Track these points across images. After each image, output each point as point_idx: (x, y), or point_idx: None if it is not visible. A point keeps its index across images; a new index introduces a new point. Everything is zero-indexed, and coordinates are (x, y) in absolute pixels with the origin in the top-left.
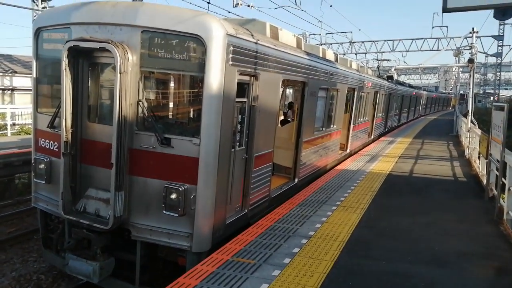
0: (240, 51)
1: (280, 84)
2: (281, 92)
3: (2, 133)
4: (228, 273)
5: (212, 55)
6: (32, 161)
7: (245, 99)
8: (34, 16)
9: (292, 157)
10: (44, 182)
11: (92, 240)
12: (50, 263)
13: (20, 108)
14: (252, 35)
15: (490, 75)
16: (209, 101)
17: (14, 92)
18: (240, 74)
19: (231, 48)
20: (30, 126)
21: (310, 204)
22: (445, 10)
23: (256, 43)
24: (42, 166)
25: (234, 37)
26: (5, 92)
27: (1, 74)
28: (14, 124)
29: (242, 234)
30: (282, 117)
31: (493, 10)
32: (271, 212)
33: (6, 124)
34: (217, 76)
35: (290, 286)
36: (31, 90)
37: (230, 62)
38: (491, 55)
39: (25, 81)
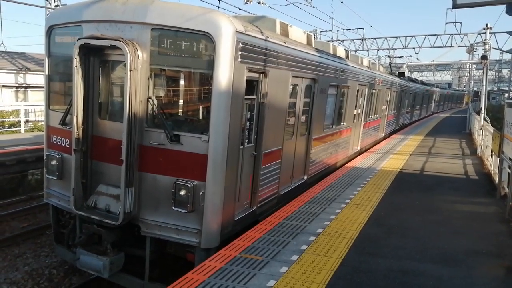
0: (249, 48)
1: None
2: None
3: (15, 130)
4: (236, 269)
5: (221, 52)
6: (44, 158)
7: (254, 96)
8: (47, 14)
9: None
10: (56, 178)
11: (102, 235)
12: (61, 258)
13: (33, 105)
14: (261, 32)
15: (505, 72)
16: (218, 98)
17: (27, 89)
18: (249, 71)
19: (240, 45)
20: (43, 123)
21: (319, 202)
22: (455, 6)
23: (265, 40)
24: (54, 162)
25: (243, 34)
26: (19, 89)
27: (15, 71)
28: (27, 121)
29: (251, 231)
30: None
31: (505, 5)
32: (280, 209)
33: (19, 121)
34: (226, 73)
35: (298, 283)
36: (44, 87)
37: (239, 59)
38: (506, 52)
39: (39, 79)
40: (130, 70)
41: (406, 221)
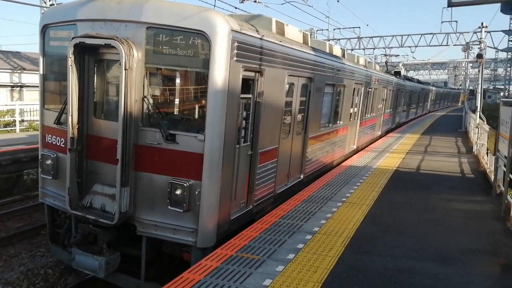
0: (245, 47)
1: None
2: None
3: (11, 129)
4: (232, 268)
5: (217, 51)
6: (39, 157)
7: (250, 95)
8: (42, 13)
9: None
10: (51, 177)
11: (98, 235)
12: (57, 257)
13: (29, 105)
14: (257, 30)
15: (500, 71)
16: (214, 97)
17: (22, 88)
18: (245, 70)
19: (236, 44)
20: (38, 122)
21: (316, 200)
22: (450, 4)
23: (261, 38)
24: (49, 162)
25: (238, 33)
26: (14, 88)
27: (10, 71)
28: (22, 121)
29: (247, 230)
30: None
31: (500, 4)
32: (276, 208)
33: (14, 121)
34: (221, 72)
35: (294, 282)
36: (38, 86)
37: (235, 58)
38: (502, 50)
39: (34, 78)
40: (125, 69)
41: (402, 219)
